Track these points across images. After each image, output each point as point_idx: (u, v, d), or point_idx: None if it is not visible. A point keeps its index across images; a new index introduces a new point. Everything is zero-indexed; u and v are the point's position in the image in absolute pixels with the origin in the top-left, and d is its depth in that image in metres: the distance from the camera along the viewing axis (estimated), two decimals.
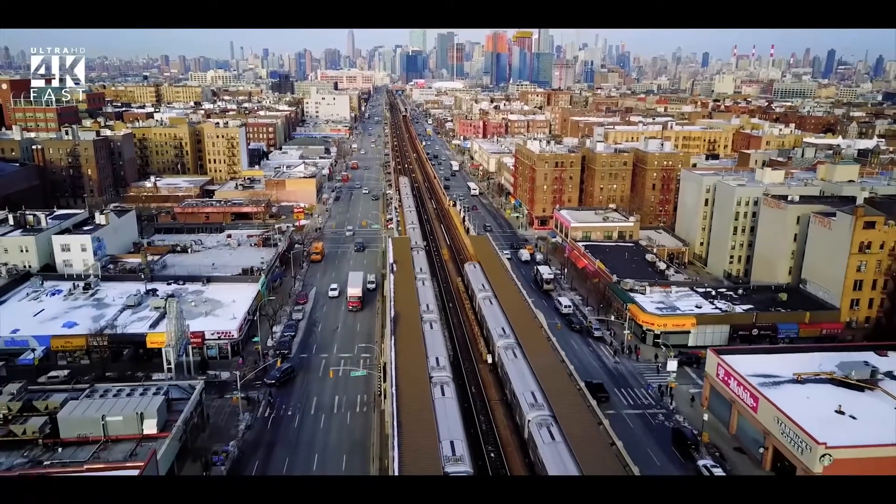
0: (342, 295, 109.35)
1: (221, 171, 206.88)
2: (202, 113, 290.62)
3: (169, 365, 75.74)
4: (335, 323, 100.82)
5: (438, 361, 69.04)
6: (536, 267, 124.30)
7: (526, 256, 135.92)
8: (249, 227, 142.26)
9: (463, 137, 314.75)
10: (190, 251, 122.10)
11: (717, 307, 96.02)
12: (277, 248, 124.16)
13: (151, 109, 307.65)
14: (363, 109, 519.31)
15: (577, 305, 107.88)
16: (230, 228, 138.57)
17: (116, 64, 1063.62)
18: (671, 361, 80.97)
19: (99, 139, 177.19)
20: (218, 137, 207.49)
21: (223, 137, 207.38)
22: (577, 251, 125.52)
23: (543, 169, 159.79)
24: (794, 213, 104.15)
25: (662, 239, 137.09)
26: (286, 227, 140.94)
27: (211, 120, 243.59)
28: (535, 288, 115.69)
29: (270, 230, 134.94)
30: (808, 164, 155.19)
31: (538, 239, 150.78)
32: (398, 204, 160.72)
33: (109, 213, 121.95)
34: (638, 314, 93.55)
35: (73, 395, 64.04)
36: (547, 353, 72.99)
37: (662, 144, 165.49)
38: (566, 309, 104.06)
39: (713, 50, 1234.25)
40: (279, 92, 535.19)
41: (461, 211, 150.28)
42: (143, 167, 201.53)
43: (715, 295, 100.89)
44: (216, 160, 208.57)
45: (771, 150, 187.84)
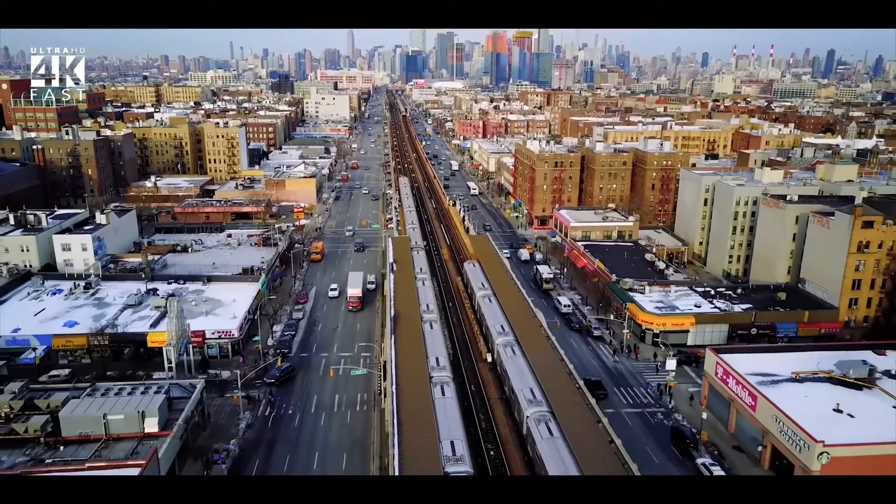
0: (342, 295, 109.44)
1: (221, 170, 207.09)
2: (202, 113, 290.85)
3: (170, 364, 75.91)
4: (335, 322, 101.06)
5: (438, 361, 69.16)
6: (536, 266, 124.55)
7: (525, 256, 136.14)
8: (249, 226, 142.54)
9: (463, 137, 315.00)
10: (190, 251, 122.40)
11: (715, 306, 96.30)
12: (277, 247, 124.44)
13: (151, 109, 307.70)
14: (363, 109, 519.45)
15: (576, 305, 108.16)
16: (230, 228, 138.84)
17: (116, 64, 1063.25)
18: (670, 360, 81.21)
19: (99, 139, 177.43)
20: (218, 137, 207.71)
21: (223, 137, 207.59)
22: (576, 251, 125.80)
23: (543, 169, 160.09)
24: (792, 212, 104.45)
25: (662, 238, 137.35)
26: (286, 226, 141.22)
27: (211, 120, 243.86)
28: (534, 287, 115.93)
29: (270, 230, 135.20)
30: (807, 163, 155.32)
31: (538, 238, 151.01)
32: (398, 204, 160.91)
33: (110, 212, 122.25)
34: (637, 313, 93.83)
35: (74, 393, 64.25)
36: (546, 351, 73.24)
37: (662, 144, 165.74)
38: (565, 308, 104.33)
39: (713, 50, 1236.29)
40: (279, 92, 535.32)
41: (461, 210, 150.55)
42: (143, 167, 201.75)
43: (714, 294, 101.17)
44: (216, 160, 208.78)
45: (770, 149, 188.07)
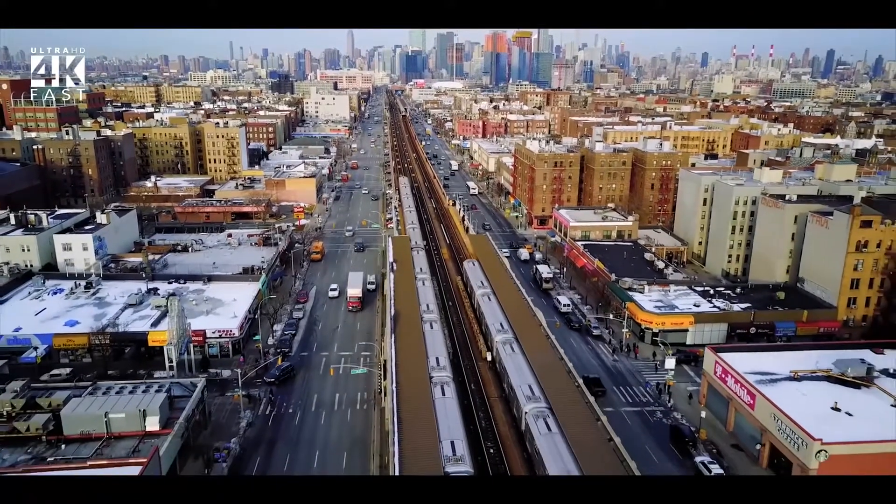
0: (342, 295, 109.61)
1: (221, 170, 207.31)
2: (202, 113, 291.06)
3: (171, 363, 76.11)
4: (335, 322, 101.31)
5: (439, 361, 69.30)
6: (535, 266, 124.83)
7: (525, 255, 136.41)
8: (250, 226, 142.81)
9: (462, 137, 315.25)
10: (191, 250, 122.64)
11: (715, 306, 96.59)
12: (278, 247, 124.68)
13: (151, 109, 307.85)
14: (363, 109, 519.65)
15: (575, 304, 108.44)
16: (231, 228, 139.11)
17: (116, 64, 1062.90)
18: (669, 359, 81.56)
19: (99, 139, 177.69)
20: (218, 137, 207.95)
21: (223, 137, 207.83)
22: (576, 250, 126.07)
23: (542, 168, 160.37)
24: (791, 212, 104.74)
25: (661, 238, 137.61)
26: (286, 226, 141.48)
27: (211, 120, 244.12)
28: (534, 287, 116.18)
29: (271, 229, 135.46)
30: (806, 163, 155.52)
31: (537, 238, 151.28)
32: (398, 204, 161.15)
33: (110, 212, 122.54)
34: (636, 313, 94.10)
35: (75, 392, 64.50)
36: (545, 348, 73.63)
37: (661, 144, 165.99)
38: (565, 308, 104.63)
39: (712, 50, 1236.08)
40: (279, 92, 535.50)
41: (460, 210, 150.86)
42: (143, 167, 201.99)
43: (713, 294, 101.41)
44: (216, 160, 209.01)
45: (769, 149, 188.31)
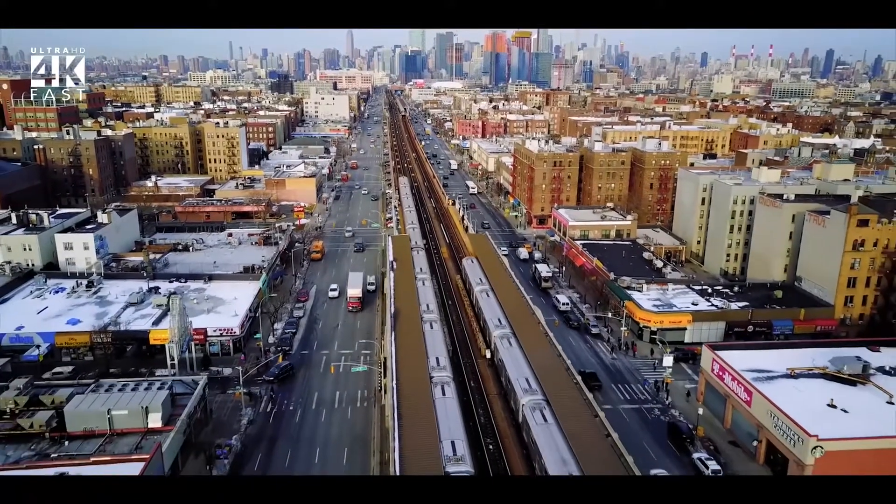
0: (342, 295, 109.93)
1: (222, 170, 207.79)
2: (202, 113, 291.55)
3: (172, 361, 76.66)
4: (336, 321, 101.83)
5: (439, 361, 69.60)
6: (535, 265, 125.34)
7: (524, 255, 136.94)
8: (250, 225, 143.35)
9: (462, 137, 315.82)
10: (191, 250, 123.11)
11: (713, 304, 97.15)
12: (278, 246, 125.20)
13: (151, 109, 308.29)
14: (362, 109, 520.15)
15: (574, 303, 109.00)
16: (231, 227, 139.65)
17: (115, 64, 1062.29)
18: (667, 357, 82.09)
19: (100, 139, 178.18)
20: (218, 137, 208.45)
21: (223, 137, 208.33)
22: (575, 249, 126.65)
23: (542, 168, 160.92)
24: (789, 211, 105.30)
25: (660, 237, 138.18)
26: (286, 225, 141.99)
27: (211, 120, 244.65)
28: (533, 285, 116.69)
29: (271, 229, 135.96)
30: (804, 163, 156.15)
31: (536, 237, 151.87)
32: (398, 203, 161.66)
33: (111, 212, 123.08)
34: (635, 311, 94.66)
35: (78, 389, 64.98)
36: (542, 344, 74.47)
37: (660, 144, 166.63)
38: (564, 306, 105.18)
39: (712, 50, 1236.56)
40: (278, 92, 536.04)
41: (460, 210, 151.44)
42: (143, 167, 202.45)
43: (711, 292, 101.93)
44: (216, 160, 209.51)
45: (768, 149, 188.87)
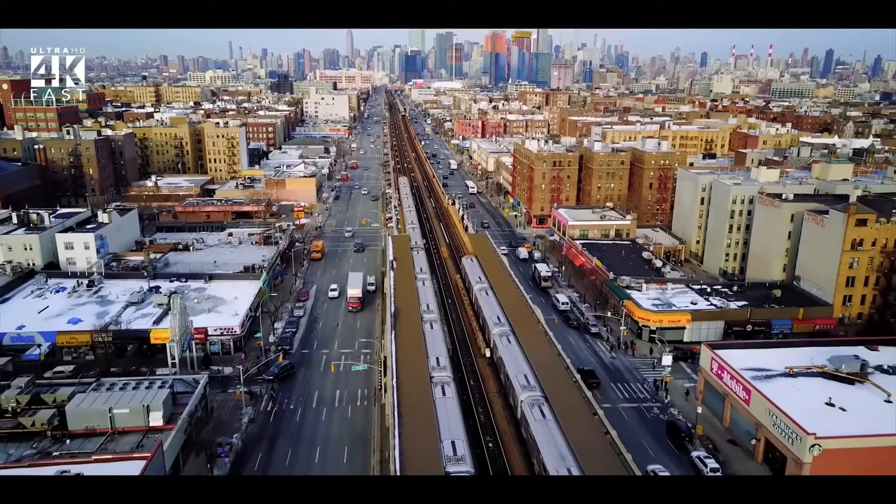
0: (342, 295, 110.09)
1: (222, 170, 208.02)
2: (202, 113, 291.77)
3: (173, 360, 76.89)
4: (336, 320, 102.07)
5: (439, 361, 69.82)
6: (534, 264, 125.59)
7: (524, 254, 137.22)
8: (250, 225, 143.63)
9: (462, 137, 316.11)
10: (192, 249, 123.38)
11: (712, 304, 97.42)
12: (278, 246, 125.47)
13: (151, 109, 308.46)
14: (362, 109, 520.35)
15: (574, 302, 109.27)
16: (231, 227, 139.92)
17: (115, 64, 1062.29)
18: (666, 356, 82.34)
19: (100, 139, 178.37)
20: (218, 137, 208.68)
21: (223, 137, 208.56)
22: (574, 249, 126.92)
23: (541, 168, 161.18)
24: (788, 211, 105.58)
25: (659, 237, 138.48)
26: (287, 225, 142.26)
27: (211, 120, 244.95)
28: (532, 285, 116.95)
29: (271, 229, 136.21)
30: (803, 163, 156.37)
31: (536, 237, 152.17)
32: (398, 203, 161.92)
33: (112, 211, 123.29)
34: (634, 310, 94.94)
35: (80, 388, 65.25)
36: (541, 341, 74.92)
37: (660, 144, 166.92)
38: (563, 306, 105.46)
39: (712, 50, 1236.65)
40: (278, 92, 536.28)
41: (459, 209, 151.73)
42: (143, 167, 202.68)
43: (710, 292, 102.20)
44: (216, 160, 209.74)
45: (767, 149, 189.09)
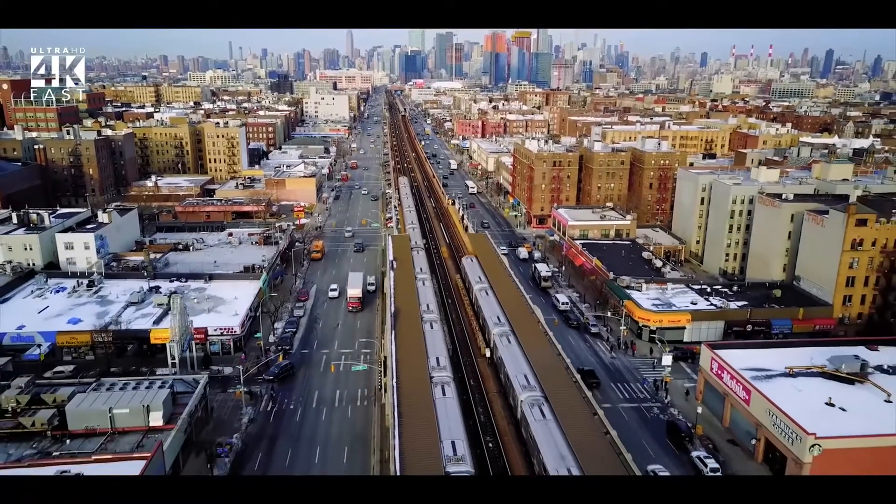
0: (342, 295, 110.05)
1: (222, 170, 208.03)
2: (202, 113, 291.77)
3: (173, 360, 76.87)
4: (336, 320, 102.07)
5: (439, 361, 69.83)
6: (534, 264, 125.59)
7: (524, 254, 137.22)
8: (250, 225, 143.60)
9: (462, 137, 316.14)
10: (192, 249, 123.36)
11: (712, 304, 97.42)
12: (278, 246, 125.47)
13: (151, 109, 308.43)
14: (362, 109, 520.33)
15: (574, 302, 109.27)
16: (231, 227, 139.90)
17: (115, 64, 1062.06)
18: (666, 356, 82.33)
19: (100, 139, 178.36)
20: (218, 137, 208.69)
21: (223, 137, 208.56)
22: (574, 249, 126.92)
23: (541, 168, 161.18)
24: (788, 211, 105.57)
25: (659, 237, 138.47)
26: (287, 225, 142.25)
27: (211, 120, 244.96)
28: (532, 285, 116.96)
29: (271, 229, 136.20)
30: (803, 163, 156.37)
31: (536, 237, 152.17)
32: (398, 203, 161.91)
33: (111, 211, 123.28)
34: (634, 310, 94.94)
35: (80, 388, 65.24)
36: (541, 341, 74.95)
37: (660, 144, 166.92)
38: (563, 306, 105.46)
39: (712, 50, 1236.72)
40: (278, 92, 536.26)
41: (459, 209, 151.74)
42: (143, 167, 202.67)
43: (710, 292, 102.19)
44: (216, 160, 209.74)
45: (767, 149, 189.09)
